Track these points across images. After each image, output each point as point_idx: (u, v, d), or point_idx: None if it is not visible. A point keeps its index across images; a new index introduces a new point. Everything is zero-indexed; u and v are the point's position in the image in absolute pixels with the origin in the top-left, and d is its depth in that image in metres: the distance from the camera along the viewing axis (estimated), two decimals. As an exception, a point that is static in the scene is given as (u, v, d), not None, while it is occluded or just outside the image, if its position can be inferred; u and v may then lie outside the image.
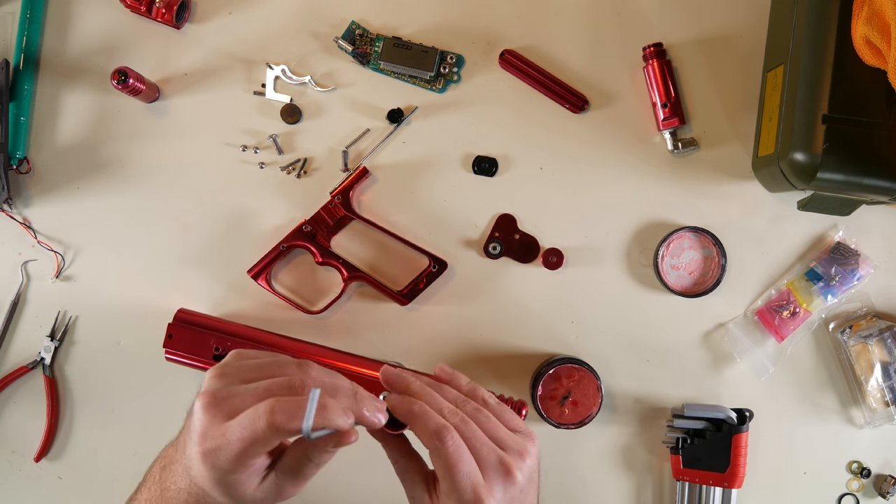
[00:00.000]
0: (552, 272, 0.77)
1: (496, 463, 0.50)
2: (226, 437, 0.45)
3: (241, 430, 0.45)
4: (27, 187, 0.77)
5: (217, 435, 0.45)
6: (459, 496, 0.49)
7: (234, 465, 0.46)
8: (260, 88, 0.77)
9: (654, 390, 0.77)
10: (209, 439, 0.46)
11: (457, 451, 0.49)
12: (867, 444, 0.76)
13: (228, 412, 0.46)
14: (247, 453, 0.45)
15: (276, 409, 0.44)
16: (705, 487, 0.74)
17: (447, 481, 0.49)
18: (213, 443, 0.45)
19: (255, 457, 0.46)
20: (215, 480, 0.47)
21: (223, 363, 0.50)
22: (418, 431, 0.50)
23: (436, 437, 0.49)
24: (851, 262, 0.75)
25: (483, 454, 0.50)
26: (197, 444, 0.46)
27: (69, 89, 0.77)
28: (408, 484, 0.54)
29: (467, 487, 0.49)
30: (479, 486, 0.49)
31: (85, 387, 0.77)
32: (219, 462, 0.46)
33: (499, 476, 0.50)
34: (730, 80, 0.77)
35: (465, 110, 0.77)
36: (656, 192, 0.77)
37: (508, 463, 0.50)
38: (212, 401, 0.47)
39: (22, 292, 0.77)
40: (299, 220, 0.76)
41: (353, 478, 0.77)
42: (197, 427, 0.46)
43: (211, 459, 0.46)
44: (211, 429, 0.46)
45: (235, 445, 0.45)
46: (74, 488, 0.77)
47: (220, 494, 0.47)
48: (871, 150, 0.64)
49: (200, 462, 0.46)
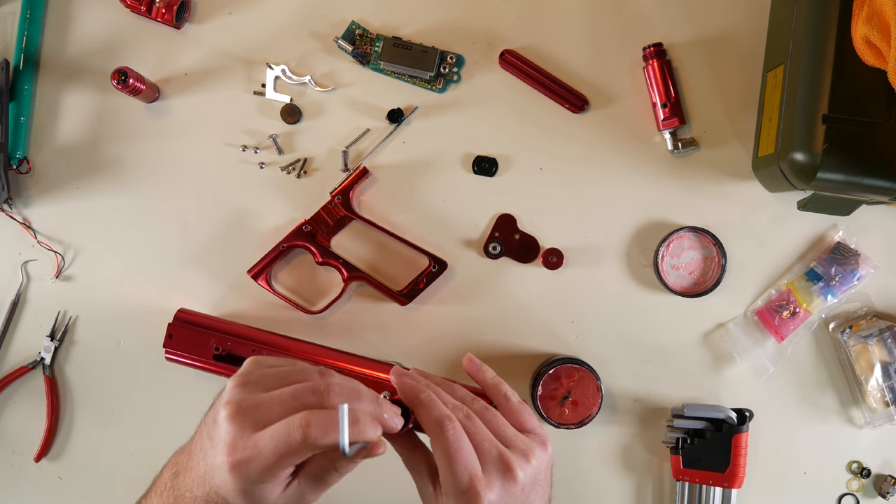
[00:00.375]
0: (552, 272, 0.77)
1: (496, 458, 0.50)
2: (257, 448, 0.45)
3: (276, 442, 0.44)
4: (27, 187, 0.77)
5: (248, 446, 0.45)
6: (456, 486, 0.48)
7: (265, 477, 0.45)
8: (260, 88, 0.77)
9: (654, 390, 0.77)
10: (239, 450, 0.45)
11: (457, 441, 0.49)
12: (867, 444, 0.76)
13: (255, 422, 0.46)
14: (279, 465, 0.45)
15: (310, 422, 0.44)
16: (705, 487, 0.74)
17: (445, 470, 0.49)
18: (244, 454, 0.45)
19: (286, 468, 0.46)
20: (241, 490, 0.46)
21: (244, 372, 0.49)
22: (422, 418, 0.51)
23: (437, 426, 0.49)
24: (851, 262, 0.75)
25: (484, 448, 0.50)
26: (225, 454, 0.45)
27: (69, 89, 0.77)
28: (415, 475, 0.54)
29: (464, 477, 0.48)
30: (476, 478, 0.48)
31: (85, 387, 0.77)
32: (249, 473, 0.45)
33: (498, 471, 0.50)
34: (730, 80, 0.77)
35: (465, 110, 0.77)
36: (656, 192, 0.77)
37: (509, 459, 0.50)
38: (237, 410, 0.46)
39: (22, 292, 0.77)
40: (299, 220, 0.76)
41: (354, 476, 0.77)
42: (224, 437, 0.46)
43: (240, 470, 0.45)
44: (240, 440, 0.45)
45: (269, 458, 0.44)
46: (74, 488, 0.77)
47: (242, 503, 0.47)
48: (871, 150, 0.64)
49: (228, 473, 0.45)
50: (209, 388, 0.76)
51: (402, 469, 0.55)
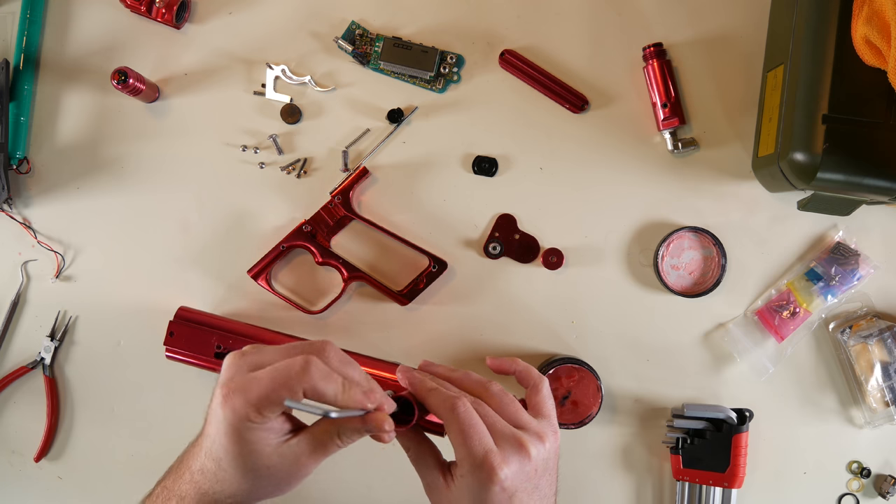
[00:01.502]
0: (552, 272, 0.77)
1: (510, 436, 0.50)
2: (256, 377, 0.46)
3: (274, 372, 0.46)
4: (27, 187, 0.77)
5: (245, 379, 0.47)
6: (472, 460, 0.49)
7: (259, 408, 0.46)
8: (260, 88, 0.77)
9: (654, 390, 0.77)
10: (235, 383, 0.47)
11: (469, 417, 0.50)
12: (867, 444, 0.76)
13: (254, 364, 0.48)
14: (275, 393, 0.45)
15: (311, 361, 0.46)
16: (705, 487, 0.74)
17: (460, 447, 0.49)
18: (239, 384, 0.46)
19: (276, 403, 0.46)
20: (234, 431, 0.46)
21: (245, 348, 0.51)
22: (433, 405, 0.51)
23: (449, 407, 0.50)
24: (851, 262, 0.75)
25: (498, 427, 0.51)
26: (221, 388, 0.47)
27: (69, 89, 0.77)
28: (422, 469, 0.54)
29: (479, 451, 0.49)
30: (491, 452, 0.49)
31: (85, 387, 0.77)
32: (241, 405, 0.46)
33: (513, 448, 0.50)
34: (730, 80, 0.77)
35: (465, 110, 0.77)
36: (656, 192, 0.77)
37: (522, 438, 0.50)
38: (240, 354, 0.49)
39: (22, 292, 0.77)
40: (299, 220, 0.76)
41: (350, 475, 0.77)
42: (223, 376, 0.48)
43: (233, 401, 0.46)
44: (238, 375, 0.47)
45: (265, 385, 0.46)
46: (74, 488, 0.77)
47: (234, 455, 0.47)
48: (871, 150, 0.64)
49: (221, 408, 0.46)
50: (209, 387, 0.76)
51: (402, 469, 0.55)
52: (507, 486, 0.49)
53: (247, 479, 0.48)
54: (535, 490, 0.51)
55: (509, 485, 0.49)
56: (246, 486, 0.49)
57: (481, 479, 0.49)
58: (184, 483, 0.50)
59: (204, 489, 0.49)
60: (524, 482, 0.50)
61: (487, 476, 0.48)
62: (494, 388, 0.54)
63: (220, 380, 0.48)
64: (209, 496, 0.49)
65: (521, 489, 0.50)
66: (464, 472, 0.50)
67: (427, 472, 0.53)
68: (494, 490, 0.49)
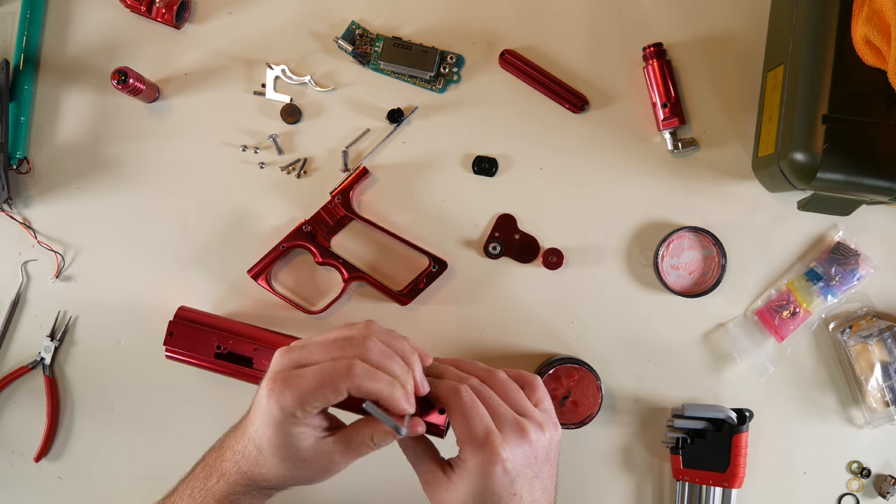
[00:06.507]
0: (552, 272, 0.77)
1: (512, 420, 0.51)
2: (301, 374, 0.48)
3: (321, 370, 0.48)
4: (27, 187, 0.77)
5: (291, 375, 0.49)
6: (473, 441, 0.50)
7: (303, 403, 0.48)
8: (260, 88, 0.77)
9: (654, 390, 0.77)
10: (281, 376, 0.49)
11: (472, 400, 0.51)
12: (867, 444, 0.76)
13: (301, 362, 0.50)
14: (320, 391, 0.48)
15: (357, 364, 0.48)
16: (705, 487, 0.74)
17: (462, 428, 0.50)
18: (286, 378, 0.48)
19: (320, 400, 0.48)
20: (276, 423, 0.49)
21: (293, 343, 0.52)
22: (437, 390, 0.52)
23: (452, 390, 0.51)
24: (851, 262, 0.75)
25: (501, 412, 0.52)
26: (268, 381, 0.49)
27: (69, 89, 0.77)
28: (421, 466, 0.54)
29: (480, 431, 0.50)
30: (492, 433, 0.50)
31: (85, 387, 0.77)
32: (287, 398, 0.48)
33: (514, 431, 0.51)
34: (730, 80, 0.77)
35: (465, 110, 0.77)
36: (656, 192, 0.77)
37: (524, 423, 0.51)
38: (287, 350, 0.51)
39: (22, 292, 0.77)
40: (299, 220, 0.76)
41: (350, 475, 0.77)
42: (271, 370, 0.50)
43: (278, 393, 0.48)
44: (285, 370, 0.49)
45: (310, 382, 0.48)
46: (74, 488, 0.77)
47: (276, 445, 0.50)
48: (871, 150, 0.64)
49: (266, 398, 0.49)
50: (209, 388, 0.76)
51: (402, 469, 0.55)
52: (509, 467, 0.49)
53: (283, 467, 0.51)
54: (536, 478, 0.51)
55: (511, 466, 0.49)
56: (282, 473, 0.52)
57: (483, 460, 0.49)
58: (225, 461, 0.54)
59: (244, 469, 0.53)
60: (525, 467, 0.51)
61: (489, 457, 0.49)
62: (500, 375, 0.55)
63: (268, 374, 0.50)
64: (247, 476, 0.53)
65: (522, 475, 0.50)
66: (465, 455, 0.50)
67: (425, 469, 0.54)
68: (496, 471, 0.49)
